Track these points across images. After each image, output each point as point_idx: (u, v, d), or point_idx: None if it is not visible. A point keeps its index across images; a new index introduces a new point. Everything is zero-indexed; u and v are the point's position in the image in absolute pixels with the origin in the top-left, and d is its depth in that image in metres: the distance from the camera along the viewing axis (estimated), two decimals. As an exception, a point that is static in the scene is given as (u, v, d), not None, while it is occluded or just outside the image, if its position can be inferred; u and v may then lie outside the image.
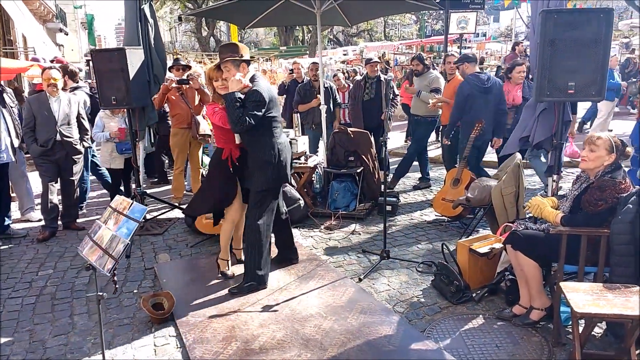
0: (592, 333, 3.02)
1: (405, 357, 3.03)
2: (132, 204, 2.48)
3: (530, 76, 5.16)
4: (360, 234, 5.19)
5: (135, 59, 5.09)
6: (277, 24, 13.49)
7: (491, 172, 6.50)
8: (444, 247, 4.24)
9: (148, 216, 5.87)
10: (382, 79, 6.53)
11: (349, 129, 6.04)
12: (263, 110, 3.73)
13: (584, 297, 2.60)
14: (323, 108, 6.11)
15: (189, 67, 6.79)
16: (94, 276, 2.40)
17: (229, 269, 4.25)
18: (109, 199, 6.43)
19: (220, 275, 4.22)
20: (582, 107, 9.61)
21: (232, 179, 4.07)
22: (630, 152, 4.11)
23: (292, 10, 6.28)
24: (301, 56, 17.59)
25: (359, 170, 5.79)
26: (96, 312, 3.69)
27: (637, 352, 2.72)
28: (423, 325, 3.42)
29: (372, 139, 5.98)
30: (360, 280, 4.08)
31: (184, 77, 6.23)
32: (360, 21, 7.53)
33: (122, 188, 6.24)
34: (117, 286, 2.36)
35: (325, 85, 6.77)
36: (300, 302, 3.74)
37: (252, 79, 3.82)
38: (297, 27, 30.53)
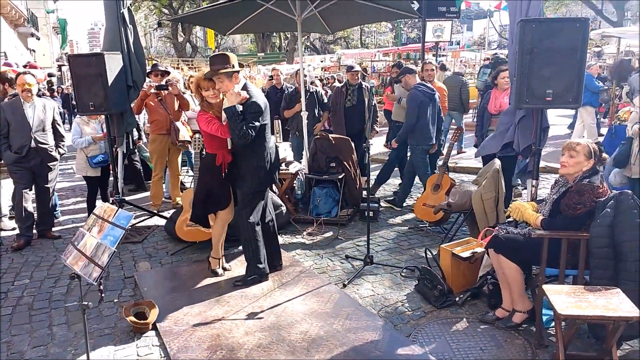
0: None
1: (392, 361, 3.04)
2: (117, 210, 2.44)
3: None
4: (342, 239, 5.21)
5: (113, 64, 5.03)
6: (258, 30, 13.46)
7: (466, 177, 6.62)
8: (427, 251, 4.28)
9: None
10: (363, 86, 6.60)
11: (330, 135, 6.06)
12: (261, 119, 3.87)
13: (567, 299, 2.66)
14: (304, 115, 6.12)
15: (168, 73, 6.74)
16: (72, 285, 2.34)
17: (219, 267, 4.34)
18: (86, 206, 6.31)
19: (211, 273, 4.30)
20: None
21: (226, 182, 4.15)
22: (607, 158, 4.22)
23: (272, 16, 6.28)
24: (279, 62, 17.59)
25: (340, 177, 5.81)
26: (76, 322, 3.65)
27: (618, 352, 2.79)
28: (408, 329, 3.44)
29: (354, 145, 6.00)
30: (344, 286, 4.08)
31: (163, 82, 6.17)
32: (340, 29, 7.58)
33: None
34: (102, 295, 2.30)
35: (311, 90, 6.78)
36: (285, 308, 3.73)
37: (245, 88, 3.93)
38: (275, 34, 30.55)
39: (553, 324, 3.38)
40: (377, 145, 8.64)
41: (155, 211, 6.10)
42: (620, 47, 9.15)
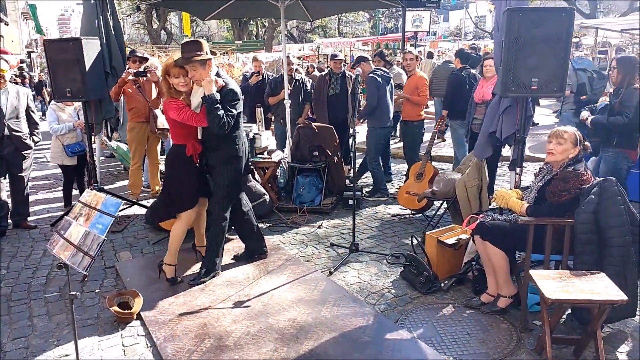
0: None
1: (381, 347, 3.06)
2: (105, 198, 2.37)
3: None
4: (326, 228, 5.20)
5: (91, 49, 4.88)
6: (239, 16, 13.27)
7: (445, 166, 6.69)
8: (413, 238, 4.31)
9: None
10: (347, 75, 6.57)
11: (313, 123, 6.03)
12: (237, 107, 3.77)
13: (554, 284, 2.71)
14: (287, 103, 6.07)
15: (146, 59, 6.59)
16: (51, 276, 2.27)
17: (175, 274, 4.00)
18: (62, 195, 6.16)
19: (168, 282, 3.92)
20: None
21: (196, 177, 3.93)
22: (589, 147, 4.31)
23: (254, 2, 6.20)
24: (257, 51, 17.39)
25: (323, 165, 5.79)
26: (56, 313, 3.58)
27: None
28: (395, 315, 3.46)
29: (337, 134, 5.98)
30: (330, 273, 4.08)
31: (142, 69, 6.03)
32: (322, 16, 7.55)
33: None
34: (85, 281, 2.24)
35: (297, 78, 6.71)
36: (272, 296, 3.71)
37: (218, 75, 3.80)
38: (252, 22, 30.18)
39: (537, 308, 3.46)
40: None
41: (134, 200, 5.99)
42: (597, 38, 9.33)
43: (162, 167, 6.77)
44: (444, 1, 20.07)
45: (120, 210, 5.81)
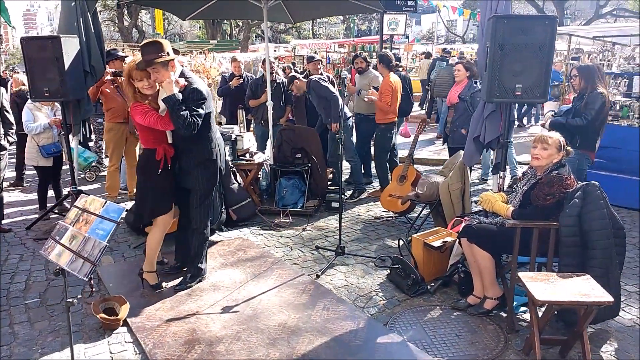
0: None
1: (372, 351, 3.08)
2: (105, 203, 2.31)
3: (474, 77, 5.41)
4: (311, 230, 5.20)
5: (70, 48, 4.77)
6: (220, 16, 13.15)
7: (422, 169, 6.77)
8: (401, 241, 4.36)
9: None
10: (324, 76, 6.60)
11: (296, 126, 6.02)
12: (205, 107, 3.64)
13: (542, 285, 2.78)
14: (270, 105, 6.04)
15: (125, 58, 6.47)
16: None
17: (159, 280, 3.92)
18: (37, 198, 5.98)
19: (152, 289, 3.84)
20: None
21: (169, 182, 3.79)
22: (571, 152, 4.43)
23: (236, 3, 6.15)
24: (232, 51, 17.26)
25: (306, 168, 5.79)
26: (38, 320, 3.49)
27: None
28: (384, 318, 3.49)
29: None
30: (318, 276, 4.09)
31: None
32: (304, 19, 7.54)
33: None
34: (93, 289, 2.19)
35: (278, 81, 6.68)
36: (260, 301, 3.69)
37: (183, 75, 3.66)
38: (225, 21, 29.89)
39: (522, 309, 3.55)
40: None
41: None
42: (570, 44, 9.61)
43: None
44: (420, 4, 20.28)
45: (99, 213, 5.70)
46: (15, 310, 3.59)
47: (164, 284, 3.89)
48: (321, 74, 6.74)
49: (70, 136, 5.24)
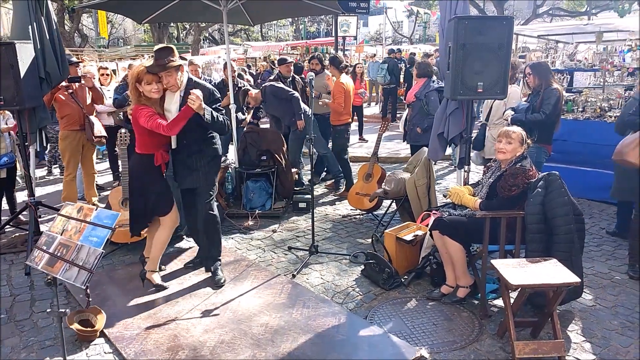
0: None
1: (356, 344, 3.16)
2: (96, 210, 2.26)
3: (434, 77, 5.61)
4: (281, 232, 5.23)
5: (25, 54, 4.58)
6: (179, 19, 12.87)
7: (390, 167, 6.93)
8: (374, 237, 4.46)
9: (43, 228, 5.31)
10: (297, 79, 6.63)
11: (260, 128, 6.03)
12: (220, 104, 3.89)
13: (514, 271, 2.95)
14: (233, 107, 6.02)
15: (78, 64, 6.27)
16: (55, 291, 2.14)
17: (159, 280, 3.98)
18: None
19: (154, 289, 3.91)
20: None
21: (166, 183, 3.92)
22: (531, 144, 4.65)
23: (194, 6, 6.09)
24: (183, 54, 16.93)
25: (273, 170, 5.82)
26: (9, 336, 3.34)
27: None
28: (363, 312, 3.58)
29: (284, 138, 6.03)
30: (294, 276, 4.13)
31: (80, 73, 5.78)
32: (263, 21, 7.54)
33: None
34: (90, 299, 2.14)
35: (240, 86, 6.65)
36: (240, 303, 3.69)
37: (189, 80, 3.80)
38: (172, 24, 29.26)
39: (491, 295, 3.73)
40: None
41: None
42: (517, 43, 10.09)
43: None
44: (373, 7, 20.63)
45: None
46: (-18, 328, 3.44)
47: (166, 284, 3.96)
48: (293, 77, 6.77)
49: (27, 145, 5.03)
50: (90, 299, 2.19)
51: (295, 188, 6.33)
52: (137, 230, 3.94)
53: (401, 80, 12.23)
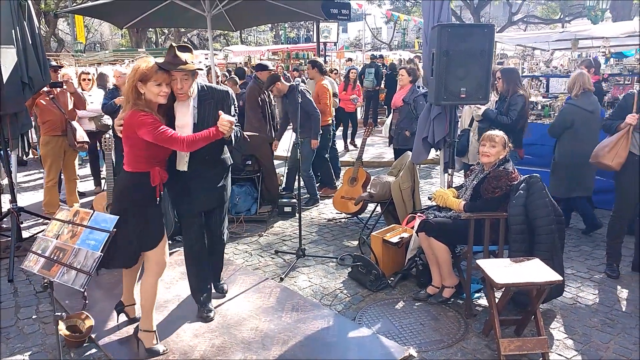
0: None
1: (346, 345, 3.20)
2: (92, 214, 2.26)
3: (417, 83, 5.71)
4: (267, 236, 5.26)
5: (7, 59, 4.53)
6: (161, 25, 12.81)
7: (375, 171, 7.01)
8: (361, 239, 4.52)
9: (25, 234, 5.24)
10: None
11: (245, 133, 6.03)
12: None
13: (499, 271, 3.03)
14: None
15: (60, 68, 6.22)
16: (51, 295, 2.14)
17: (157, 342, 3.17)
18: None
19: (147, 354, 3.11)
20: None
21: (160, 209, 3.13)
22: (512, 147, 4.78)
23: (178, 11, 6.10)
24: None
25: (258, 174, 5.84)
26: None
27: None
28: (352, 314, 3.63)
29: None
30: (281, 279, 4.16)
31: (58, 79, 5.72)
32: (245, 27, 7.58)
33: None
34: (87, 301, 2.14)
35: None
36: (229, 307, 3.71)
37: (205, 87, 3.31)
38: (150, 29, 29.06)
39: (476, 295, 3.82)
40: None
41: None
42: (496, 50, 10.32)
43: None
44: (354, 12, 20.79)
45: (42, 231, 5.41)
46: (-34, 337, 3.38)
47: (161, 348, 3.14)
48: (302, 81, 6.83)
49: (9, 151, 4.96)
50: (87, 301, 2.18)
51: (281, 192, 6.35)
52: (111, 265, 3.08)
53: (382, 85, 12.38)
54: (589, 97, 4.75)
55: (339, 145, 8.98)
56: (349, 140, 9.95)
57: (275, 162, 6.50)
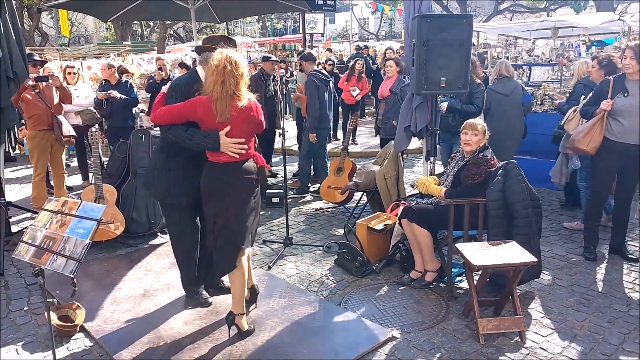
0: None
1: (332, 329, 3.31)
2: (80, 203, 2.33)
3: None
4: (255, 226, 5.34)
5: (-9, 54, 4.54)
6: (145, 18, 12.63)
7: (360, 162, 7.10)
8: (347, 228, 4.62)
9: (15, 229, 5.28)
10: (276, 76, 6.73)
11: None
12: None
13: (477, 253, 3.15)
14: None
15: (44, 62, 6.22)
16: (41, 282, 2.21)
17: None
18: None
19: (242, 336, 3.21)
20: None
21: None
22: (488, 134, 4.91)
23: (160, 4, 6.12)
24: (148, 52, 16.75)
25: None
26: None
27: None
28: (338, 299, 3.74)
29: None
30: (269, 268, 4.25)
31: (43, 73, 5.71)
32: (230, 19, 7.60)
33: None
34: (76, 288, 2.22)
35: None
36: (218, 296, 3.78)
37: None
38: (136, 22, 28.77)
39: (457, 279, 3.95)
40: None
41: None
42: (479, 40, 10.45)
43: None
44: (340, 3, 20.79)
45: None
46: (-42, 329, 3.44)
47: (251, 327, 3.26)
48: (274, 75, 6.85)
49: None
50: (76, 288, 2.25)
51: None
52: (220, 272, 3.27)
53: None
54: (506, 82, 5.29)
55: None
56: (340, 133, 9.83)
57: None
